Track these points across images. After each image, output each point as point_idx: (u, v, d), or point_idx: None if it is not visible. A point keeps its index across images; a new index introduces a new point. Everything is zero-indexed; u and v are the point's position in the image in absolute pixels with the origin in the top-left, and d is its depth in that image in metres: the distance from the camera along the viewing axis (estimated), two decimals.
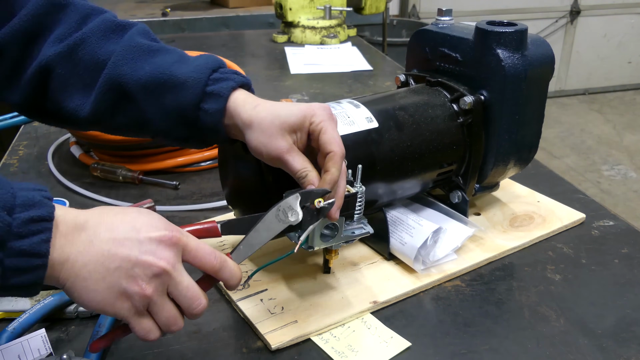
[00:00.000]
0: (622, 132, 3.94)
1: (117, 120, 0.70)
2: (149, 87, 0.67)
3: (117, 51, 0.68)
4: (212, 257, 0.55)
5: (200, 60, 0.69)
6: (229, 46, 2.04)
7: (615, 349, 0.67)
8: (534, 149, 0.90)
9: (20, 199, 0.48)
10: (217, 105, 0.66)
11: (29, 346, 0.62)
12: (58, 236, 0.49)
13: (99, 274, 0.50)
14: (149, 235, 0.52)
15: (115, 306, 0.51)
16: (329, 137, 0.64)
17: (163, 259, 0.52)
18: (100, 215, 0.53)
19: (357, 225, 0.69)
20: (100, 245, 0.51)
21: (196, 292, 0.54)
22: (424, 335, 0.69)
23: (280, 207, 0.61)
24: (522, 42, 0.81)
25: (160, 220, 0.54)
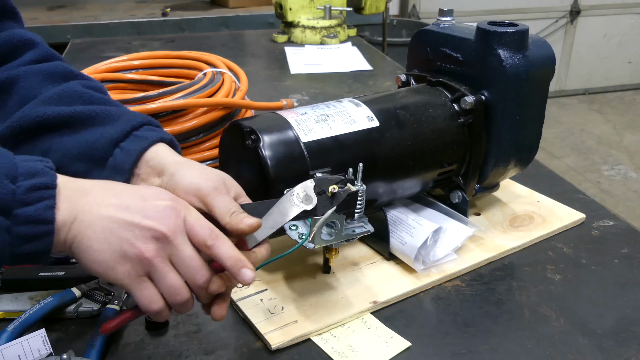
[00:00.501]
0: (622, 132, 3.94)
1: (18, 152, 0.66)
2: (74, 120, 0.64)
3: (54, 90, 0.66)
4: (207, 231, 0.54)
5: (141, 115, 0.67)
6: (229, 46, 2.04)
7: (615, 349, 0.67)
8: (534, 149, 0.90)
9: (22, 168, 0.49)
10: (138, 146, 0.63)
11: (29, 346, 0.62)
12: (62, 200, 0.50)
13: (102, 235, 0.51)
14: (155, 203, 0.53)
15: (116, 269, 0.52)
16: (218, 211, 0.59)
17: (165, 224, 0.52)
18: (106, 184, 0.55)
19: (358, 223, 0.69)
20: (106, 208, 0.52)
21: (199, 263, 0.54)
22: (424, 335, 0.70)
23: (294, 192, 0.62)
24: (524, 42, 0.81)
25: (167, 192, 0.56)
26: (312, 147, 0.72)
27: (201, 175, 0.60)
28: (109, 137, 0.63)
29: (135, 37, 2.23)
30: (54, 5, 2.67)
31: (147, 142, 0.64)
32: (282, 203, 0.61)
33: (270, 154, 0.70)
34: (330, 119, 0.76)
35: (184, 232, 0.54)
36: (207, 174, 0.60)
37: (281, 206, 0.61)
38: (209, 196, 0.58)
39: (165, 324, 0.70)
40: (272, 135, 0.71)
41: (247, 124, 0.73)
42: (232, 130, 0.76)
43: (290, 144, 0.72)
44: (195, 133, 1.08)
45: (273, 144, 0.71)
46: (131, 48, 1.95)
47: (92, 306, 0.71)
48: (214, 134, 1.11)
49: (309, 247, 0.65)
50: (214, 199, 0.58)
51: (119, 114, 0.65)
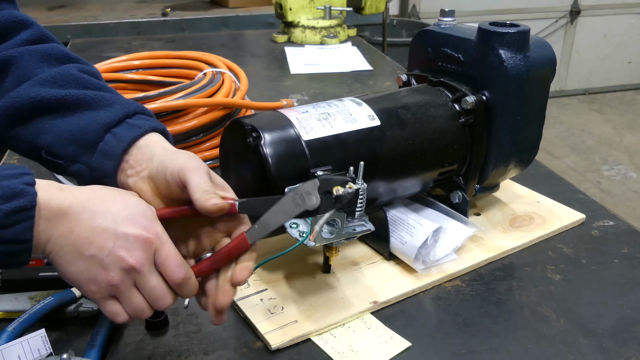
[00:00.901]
0: (622, 132, 3.94)
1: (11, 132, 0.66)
2: (67, 103, 0.64)
3: (50, 72, 0.65)
4: (177, 270, 0.56)
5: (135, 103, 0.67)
6: (229, 46, 2.04)
7: (615, 349, 0.67)
8: (535, 150, 0.90)
9: (2, 189, 0.50)
10: (130, 133, 0.63)
11: (28, 346, 0.62)
12: (41, 221, 0.52)
13: (74, 257, 0.54)
14: (126, 231, 0.54)
15: (85, 287, 0.55)
16: None
17: (134, 257, 0.54)
18: (86, 202, 0.55)
19: (358, 222, 0.69)
20: (79, 232, 0.53)
21: (162, 293, 0.56)
22: (424, 335, 0.69)
23: (298, 192, 0.61)
24: (525, 43, 0.81)
25: (144, 215, 0.56)
26: (313, 145, 0.72)
27: (183, 159, 0.60)
28: (101, 122, 0.63)
29: (135, 37, 2.23)
30: (53, 5, 2.67)
31: (140, 131, 0.63)
32: (285, 202, 0.61)
33: (272, 152, 0.70)
34: (331, 117, 0.76)
35: (152, 263, 0.55)
36: (195, 159, 0.60)
37: (284, 205, 0.61)
38: (187, 172, 0.58)
39: (165, 324, 0.70)
40: (274, 133, 0.71)
41: (248, 121, 0.73)
42: (233, 128, 0.76)
43: (291, 142, 0.72)
44: (195, 133, 1.08)
45: (274, 141, 0.71)
46: (131, 48, 1.95)
47: (92, 306, 0.70)
48: (214, 134, 1.11)
49: (309, 245, 0.65)
50: (191, 175, 0.58)
51: (112, 100, 0.65)
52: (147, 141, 0.63)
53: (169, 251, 0.56)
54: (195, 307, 0.73)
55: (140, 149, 0.62)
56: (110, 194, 0.57)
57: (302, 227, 0.65)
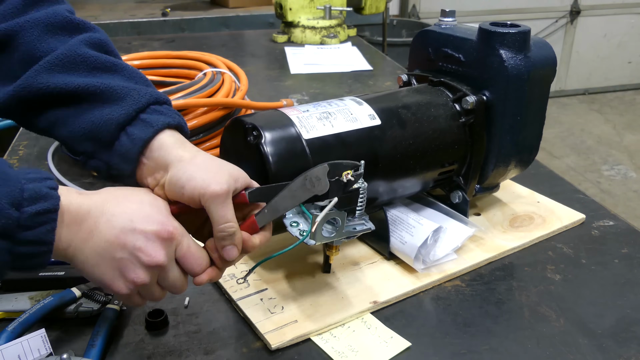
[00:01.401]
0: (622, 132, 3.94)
1: (28, 120, 0.66)
2: (78, 95, 0.62)
3: (57, 53, 0.63)
4: (197, 264, 0.58)
5: (148, 89, 0.65)
6: (229, 46, 2.04)
7: (615, 349, 0.67)
8: (535, 150, 0.90)
9: (27, 192, 0.50)
10: (143, 134, 0.61)
11: (29, 346, 0.62)
12: (62, 226, 0.53)
13: (97, 260, 0.55)
14: (145, 229, 0.55)
15: (112, 287, 0.56)
16: None
17: (157, 254, 0.55)
18: (103, 204, 0.56)
19: (359, 221, 0.69)
20: (99, 236, 0.54)
21: (180, 283, 0.58)
22: (424, 335, 0.69)
23: (307, 176, 0.62)
24: (525, 43, 0.81)
25: (159, 212, 0.57)
26: (313, 144, 0.72)
27: (205, 177, 0.58)
28: (115, 120, 0.61)
29: (135, 37, 2.23)
30: None
31: (152, 131, 0.61)
32: (295, 186, 0.62)
33: (272, 150, 0.70)
34: (332, 116, 0.76)
35: (173, 257, 0.57)
36: (212, 175, 0.59)
37: (293, 189, 0.62)
38: (207, 204, 0.58)
39: (165, 324, 0.70)
40: (274, 131, 0.71)
41: (249, 120, 0.73)
42: (233, 127, 0.76)
43: (292, 140, 0.72)
44: (195, 133, 1.08)
45: (275, 140, 0.71)
46: (131, 48, 1.95)
47: (92, 306, 0.70)
48: (214, 134, 1.11)
49: (309, 244, 0.65)
50: (211, 207, 0.58)
51: (124, 92, 0.63)
52: (160, 144, 0.62)
53: (189, 245, 0.58)
54: (195, 307, 0.73)
55: (154, 152, 0.62)
56: (124, 194, 0.58)
57: (303, 225, 0.65)
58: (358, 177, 0.64)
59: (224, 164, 0.61)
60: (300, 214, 0.66)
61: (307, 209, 0.65)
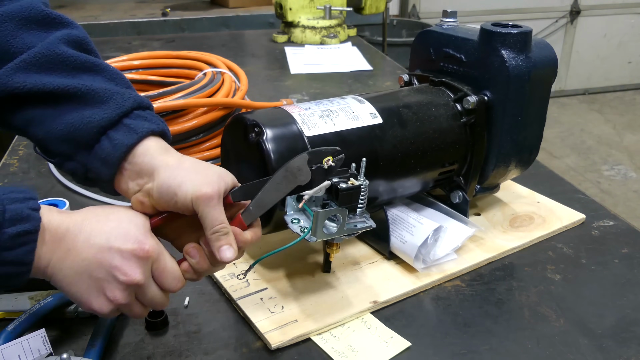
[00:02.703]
0: (622, 132, 3.94)
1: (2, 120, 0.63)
2: (56, 95, 0.59)
3: (34, 51, 0.59)
4: (174, 283, 0.58)
5: (131, 92, 0.63)
6: (229, 46, 2.04)
7: (615, 349, 0.67)
8: (535, 151, 0.90)
9: (9, 213, 0.51)
10: (126, 140, 0.59)
11: (29, 346, 0.62)
12: (42, 245, 0.53)
13: (74, 279, 0.55)
14: (121, 247, 0.55)
15: (89, 305, 0.56)
16: None
17: (133, 273, 0.55)
18: (82, 223, 0.56)
19: (360, 218, 0.69)
20: (76, 254, 0.54)
21: (160, 300, 0.58)
22: (424, 335, 0.69)
23: (288, 168, 0.61)
24: (527, 43, 0.81)
25: (137, 230, 0.57)
26: (315, 141, 0.72)
27: (195, 181, 0.58)
28: (96, 123, 0.59)
29: (135, 37, 2.23)
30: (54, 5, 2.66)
31: (137, 137, 0.60)
32: (277, 179, 0.61)
33: (274, 148, 0.70)
34: (333, 114, 0.76)
35: (150, 275, 0.57)
36: (202, 178, 0.58)
37: (276, 182, 0.61)
38: (200, 207, 0.58)
39: (165, 324, 0.70)
40: (276, 129, 0.71)
41: (250, 117, 0.72)
42: (235, 125, 0.76)
43: (293, 138, 0.72)
44: (195, 133, 1.08)
45: (276, 137, 0.70)
46: (131, 48, 1.95)
47: None
48: (214, 134, 1.11)
49: (311, 241, 0.65)
50: (204, 210, 0.58)
51: (106, 95, 0.60)
52: (145, 149, 0.60)
53: (166, 263, 0.58)
54: (195, 307, 0.73)
55: (138, 158, 0.60)
56: (104, 213, 0.58)
57: (304, 222, 0.65)
58: (339, 162, 0.62)
59: (211, 167, 0.61)
60: (302, 211, 0.66)
61: (309, 206, 0.64)
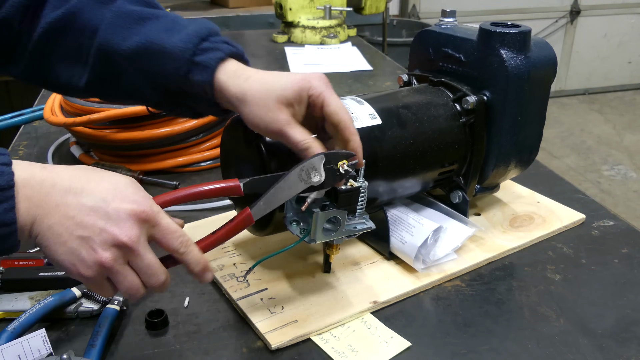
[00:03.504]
0: (622, 132, 3.94)
1: (108, 90, 0.70)
2: (136, 58, 0.65)
3: (107, 19, 0.66)
4: (177, 239, 0.55)
5: (190, 28, 0.66)
6: None
7: (615, 349, 0.67)
8: (535, 150, 0.90)
9: None
10: (203, 77, 0.64)
11: (29, 346, 0.62)
12: (22, 200, 0.50)
13: (62, 238, 0.51)
14: (119, 207, 0.52)
15: (75, 270, 0.52)
16: (334, 107, 0.63)
17: (127, 233, 0.52)
18: (71, 180, 0.52)
19: (359, 220, 0.69)
20: (66, 211, 0.51)
21: (156, 270, 0.55)
22: (424, 335, 0.69)
23: (303, 167, 0.61)
24: (526, 43, 0.81)
25: (135, 191, 0.54)
26: None
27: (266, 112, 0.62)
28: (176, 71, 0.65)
29: None
30: None
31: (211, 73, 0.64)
32: (290, 177, 0.61)
33: (273, 149, 0.69)
34: None
35: (146, 239, 0.54)
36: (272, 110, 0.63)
37: (289, 181, 0.61)
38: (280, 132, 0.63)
39: (165, 324, 0.70)
40: None
41: None
42: (234, 126, 0.76)
43: None
44: (195, 133, 1.08)
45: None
46: None
47: (92, 306, 0.71)
48: (214, 134, 1.11)
49: (310, 243, 0.65)
50: (284, 134, 0.62)
51: (172, 49, 0.65)
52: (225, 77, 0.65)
53: (168, 222, 0.55)
54: (195, 307, 0.73)
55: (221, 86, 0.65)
56: (97, 175, 0.54)
57: (303, 224, 0.65)
58: (354, 168, 0.63)
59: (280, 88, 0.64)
60: (301, 212, 0.66)
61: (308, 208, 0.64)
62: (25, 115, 1.33)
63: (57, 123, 1.06)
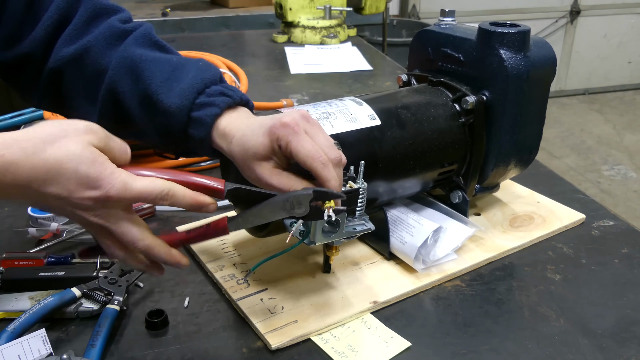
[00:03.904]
0: (622, 132, 3.94)
1: (123, 132, 0.67)
2: (141, 107, 0.69)
3: (113, 63, 0.70)
4: (153, 192, 0.56)
5: (189, 79, 0.68)
6: (229, 46, 2.04)
7: (615, 349, 0.67)
8: (535, 150, 0.90)
9: None
10: (201, 133, 0.67)
11: (28, 346, 0.62)
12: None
13: None
14: (81, 196, 0.53)
15: None
16: (302, 156, 0.61)
17: (96, 216, 0.55)
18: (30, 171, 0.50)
19: (359, 221, 0.69)
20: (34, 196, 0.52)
21: (134, 236, 0.57)
22: (424, 335, 0.69)
23: (289, 199, 0.60)
24: (525, 43, 0.81)
25: (94, 168, 0.52)
26: None
27: (250, 173, 0.64)
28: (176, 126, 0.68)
29: None
30: None
31: (208, 129, 0.67)
32: (274, 203, 0.61)
33: None
34: (332, 116, 0.76)
35: (119, 209, 0.56)
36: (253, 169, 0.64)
37: (272, 205, 0.61)
38: (267, 186, 0.63)
39: (165, 324, 0.70)
40: None
41: None
42: None
43: None
44: None
45: None
46: None
47: (92, 306, 0.71)
48: None
49: (309, 245, 0.65)
50: (271, 187, 0.62)
51: (169, 106, 0.67)
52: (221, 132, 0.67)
53: (139, 185, 0.55)
54: (195, 307, 0.74)
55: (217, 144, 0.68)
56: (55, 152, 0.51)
57: (302, 226, 0.65)
58: (342, 216, 0.63)
59: (252, 147, 0.64)
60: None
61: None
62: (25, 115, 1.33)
63: None
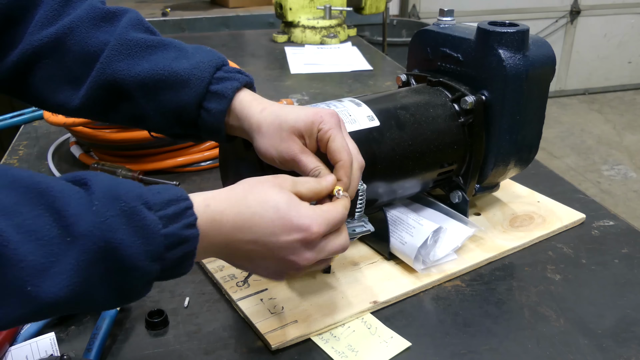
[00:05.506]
0: (622, 132, 3.94)
1: (111, 115, 0.69)
2: (147, 85, 0.66)
3: (111, 44, 0.66)
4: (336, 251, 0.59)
5: (202, 56, 0.68)
6: (229, 46, 2.04)
7: (615, 349, 0.67)
8: (535, 149, 0.90)
9: (169, 239, 0.48)
10: (220, 106, 0.66)
11: (37, 348, 0.63)
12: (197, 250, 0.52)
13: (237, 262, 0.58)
14: (287, 239, 0.55)
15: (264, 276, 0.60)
16: (338, 145, 0.62)
17: (303, 260, 0.56)
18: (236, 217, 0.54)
19: (358, 223, 0.69)
20: (238, 245, 0.55)
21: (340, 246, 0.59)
22: (424, 335, 0.70)
23: None
24: (524, 42, 0.81)
25: (297, 216, 0.55)
26: None
27: (280, 142, 0.63)
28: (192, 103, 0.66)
29: None
30: None
31: (227, 101, 0.66)
32: None
33: None
34: None
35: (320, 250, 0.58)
36: (285, 140, 0.63)
37: None
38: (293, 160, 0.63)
39: (165, 324, 0.70)
40: None
41: None
42: None
43: None
44: None
45: None
46: None
47: None
48: None
49: None
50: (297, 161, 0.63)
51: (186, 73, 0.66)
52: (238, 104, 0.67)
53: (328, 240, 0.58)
54: (195, 307, 0.74)
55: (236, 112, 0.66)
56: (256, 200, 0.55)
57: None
58: None
59: (292, 120, 0.64)
60: None
61: None
62: (25, 115, 1.33)
63: (57, 123, 1.06)
